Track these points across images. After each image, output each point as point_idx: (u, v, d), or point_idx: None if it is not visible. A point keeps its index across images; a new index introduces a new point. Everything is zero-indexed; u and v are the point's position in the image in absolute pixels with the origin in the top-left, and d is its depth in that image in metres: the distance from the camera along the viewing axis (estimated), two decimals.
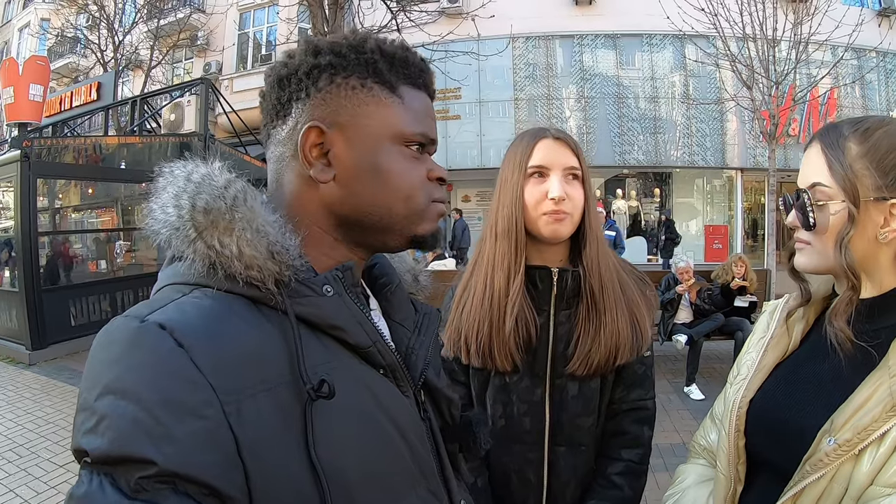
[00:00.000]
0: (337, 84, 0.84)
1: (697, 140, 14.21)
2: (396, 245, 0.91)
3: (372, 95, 0.85)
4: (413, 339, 0.96)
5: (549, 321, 1.56)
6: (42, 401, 6.52)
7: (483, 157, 14.48)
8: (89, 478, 0.64)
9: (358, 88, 0.84)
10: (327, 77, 0.84)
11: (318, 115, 0.83)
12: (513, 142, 1.63)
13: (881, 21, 13.99)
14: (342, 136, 0.84)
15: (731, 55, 10.03)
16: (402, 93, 0.87)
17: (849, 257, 1.06)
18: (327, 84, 0.84)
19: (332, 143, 0.83)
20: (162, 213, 0.77)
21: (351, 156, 0.84)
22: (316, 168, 0.83)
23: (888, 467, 0.96)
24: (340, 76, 0.84)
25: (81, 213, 12.34)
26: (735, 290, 7.05)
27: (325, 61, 0.84)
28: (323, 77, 0.83)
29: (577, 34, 14.52)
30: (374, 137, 0.85)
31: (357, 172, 0.84)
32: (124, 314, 0.73)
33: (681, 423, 5.53)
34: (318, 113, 0.83)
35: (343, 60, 0.84)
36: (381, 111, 0.85)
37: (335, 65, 0.84)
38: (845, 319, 1.09)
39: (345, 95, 0.84)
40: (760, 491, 1.17)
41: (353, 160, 0.84)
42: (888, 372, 1.01)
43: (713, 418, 1.44)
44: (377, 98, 0.85)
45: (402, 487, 0.83)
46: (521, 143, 1.58)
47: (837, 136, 1.11)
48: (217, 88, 12.46)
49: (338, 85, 0.84)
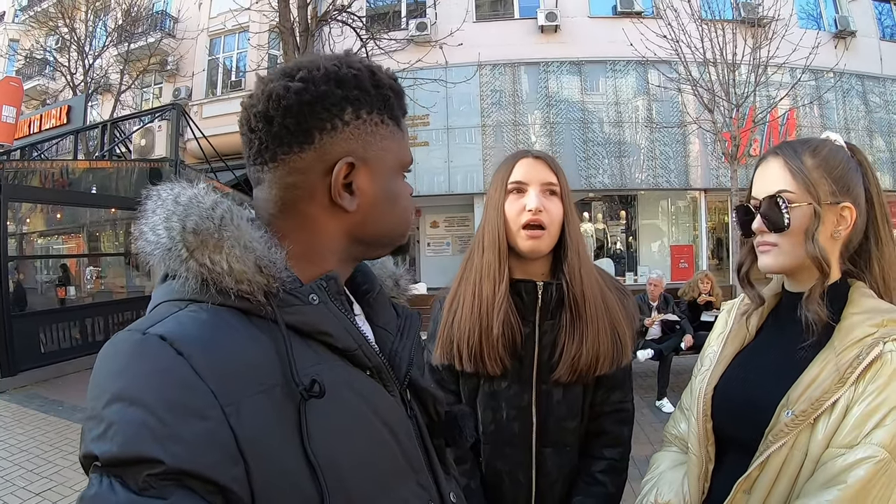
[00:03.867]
0: (363, 120, 0.88)
1: (661, 162, 14.40)
2: (385, 255, 1.01)
3: (389, 131, 0.92)
4: (396, 342, 1.00)
5: (535, 331, 1.66)
6: (14, 429, 6.39)
7: (451, 184, 14.44)
8: (99, 480, 0.68)
9: (380, 125, 0.90)
10: (353, 111, 0.87)
11: (349, 150, 0.87)
12: (499, 164, 1.76)
13: (837, 43, 14.49)
14: (367, 169, 0.89)
15: (693, 80, 10.37)
16: (402, 125, 0.96)
17: (819, 247, 1.23)
18: (353, 118, 0.87)
19: (357, 175, 0.88)
20: (153, 234, 0.81)
21: (373, 187, 0.90)
22: (346, 200, 0.88)
23: (840, 431, 1.13)
24: (365, 111, 0.88)
25: (47, 239, 12.17)
26: (702, 306, 7.25)
27: (353, 95, 0.87)
28: (349, 110, 0.87)
29: (542, 61, 14.64)
30: (390, 169, 0.93)
31: (376, 201, 0.91)
32: (126, 329, 0.77)
33: (654, 435, 5.65)
34: (349, 147, 0.87)
35: (367, 95, 0.89)
36: (395, 145, 0.93)
37: (361, 99, 0.88)
38: (818, 303, 1.24)
39: (371, 132, 0.89)
40: (729, 467, 1.32)
41: (374, 191, 0.91)
42: (833, 351, 1.19)
43: (682, 409, 1.60)
44: (392, 133, 0.92)
45: (392, 480, 0.87)
46: (504, 164, 1.73)
47: (794, 151, 1.29)
48: (188, 114, 12.41)
49: (364, 121, 0.88)
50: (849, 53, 13.83)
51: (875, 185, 1.29)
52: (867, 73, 15.09)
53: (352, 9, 9.80)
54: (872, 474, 1.07)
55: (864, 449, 1.09)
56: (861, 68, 14.83)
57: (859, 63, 14.66)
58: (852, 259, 1.31)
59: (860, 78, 15.01)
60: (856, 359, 1.15)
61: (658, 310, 7.26)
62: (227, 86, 16.74)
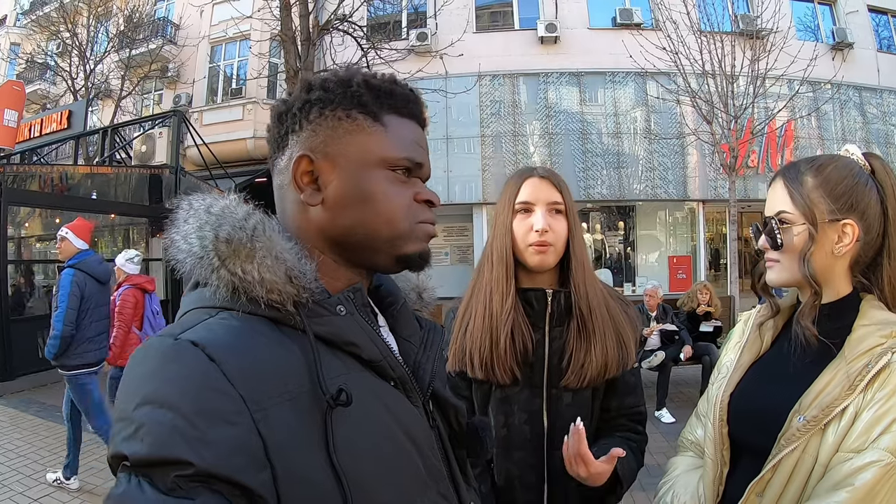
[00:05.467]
0: (325, 116, 0.91)
1: (660, 173, 14.45)
2: (385, 265, 0.97)
3: (356, 125, 0.92)
4: (420, 354, 1.01)
5: (545, 337, 1.72)
6: (11, 434, 6.41)
7: (450, 193, 14.42)
8: (127, 479, 0.69)
9: (343, 119, 0.91)
10: (317, 110, 0.91)
11: (308, 145, 0.91)
12: (506, 181, 1.83)
13: (835, 55, 14.55)
14: (329, 163, 0.91)
15: (692, 91, 10.46)
16: (385, 121, 0.93)
17: (810, 269, 1.30)
18: (317, 116, 0.91)
19: (321, 170, 0.91)
20: (185, 243, 0.83)
21: (337, 181, 0.91)
22: (306, 193, 0.90)
23: (849, 436, 1.18)
24: (328, 109, 0.91)
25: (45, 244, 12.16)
26: (701, 316, 7.27)
27: (315, 96, 0.91)
28: (313, 110, 0.91)
29: (542, 72, 14.70)
30: (357, 163, 0.91)
31: (343, 196, 0.91)
32: (158, 334, 0.80)
33: (654, 445, 5.54)
34: (309, 143, 0.91)
35: (330, 95, 0.92)
36: (364, 138, 0.92)
37: (323, 99, 0.91)
38: (810, 320, 1.32)
39: (331, 126, 0.91)
40: (743, 470, 1.36)
41: (339, 184, 0.91)
42: (844, 360, 1.24)
43: (698, 416, 1.64)
44: (361, 127, 0.92)
45: (414, 490, 0.87)
46: (511, 183, 1.80)
47: (796, 172, 1.36)
48: (188, 121, 12.44)
49: (326, 117, 0.91)
50: (846, 65, 13.93)
51: (894, 197, 1.32)
52: (864, 84, 15.19)
53: (353, 18, 9.85)
54: (879, 478, 1.11)
55: (871, 453, 1.13)
56: (858, 80, 14.93)
57: (857, 75, 14.75)
58: (867, 272, 1.35)
59: (857, 89, 15.11)
60: (865, 367, 1.20)
61: (657, 320, 7.29)
62: (227, 93, 16.71)
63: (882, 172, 1.35)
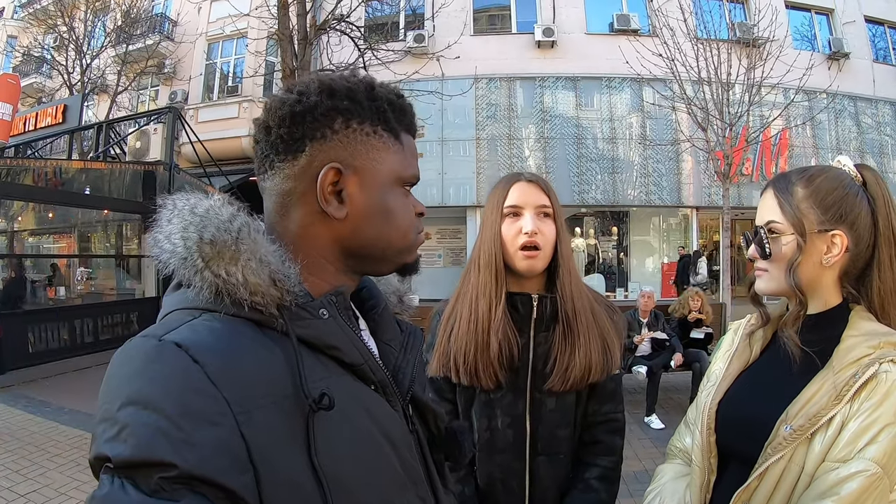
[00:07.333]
0: (353, 129, 0.90)
1: (654, 180, 14.51)
2: (387, 272, 1.01)
3: (383, 143, 0.93)
4: (400, 358, 1.02)
5: (530, 342, 1.73)
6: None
7: (444, 196, 14.47)
8: (110, 480, 0.69)
9: (371, 135, 0.91)
10: (343, 121, 0.89)
11: (336, 157, 0.89)
12: (493, 186, 1.83)
13: (831, 64, 14.71)
14: (357, 177, 0.90)
15: (687, 98, 10.45)
16: (403, 140, 0.96)
17: (796, 279, 1.30)
18: (343, 128, 0.89)
19: (346, 183, 0.90)
20: (168, 243, 0.82)
21: (362, 196, 0.91)
22: (333, 206, 0.89)
23: (835, 446, 1.18)
24: (356, 121, 0.90)
25: (38, 238, 12.12)
26: (692, 323, 7.29)
27: (343, 105, 0.89)
28: (339, 120, 0.89)
29: (538, 76, 14.77)
30: (382, 180, 0.93)
31: (367, 211, 0.92)
32: (141, 334, 0.79)
33: (643, 451, 5.69)
34: (336, 154, 0.89)
35: (358, 106, 0.90)
36: (389, 157, 0.93)
37: (351, 110, 0.90)
38: (794, 329, 1.33)
39: (360, 141, 0.90)
40: (730, 478, 1.36)
41: (364, 200, 0.91)
42: (832, 371, 1.24)
43: (686, 424, 1.64)
44: (386, 144, 0.93)
45: (393, 492, 0.89)
46: (499, 187, 1.80)
47: (787, 182, 1.36)
48: (183, 118, 12.40)
49: (353, 130, 0.90)
50: (842, 75, 14.06)
51: (885, 208, 1.32)
52: (860, 94, 15.34)
53: (350, 19, 9.84)
54: (865, 487, 1.11)
55: (857, 463, 1.13)
56: (854, 90, 15.07)
57: (852, 84, 14.89)
58: (857, 283, 1.35)
59: (853, 99, 15.25)
60: (852, 378, 1.20)
61: (648, 326, 7.30)
62: (223, 91, 16.68)
63: (873, 184, 1.35)
